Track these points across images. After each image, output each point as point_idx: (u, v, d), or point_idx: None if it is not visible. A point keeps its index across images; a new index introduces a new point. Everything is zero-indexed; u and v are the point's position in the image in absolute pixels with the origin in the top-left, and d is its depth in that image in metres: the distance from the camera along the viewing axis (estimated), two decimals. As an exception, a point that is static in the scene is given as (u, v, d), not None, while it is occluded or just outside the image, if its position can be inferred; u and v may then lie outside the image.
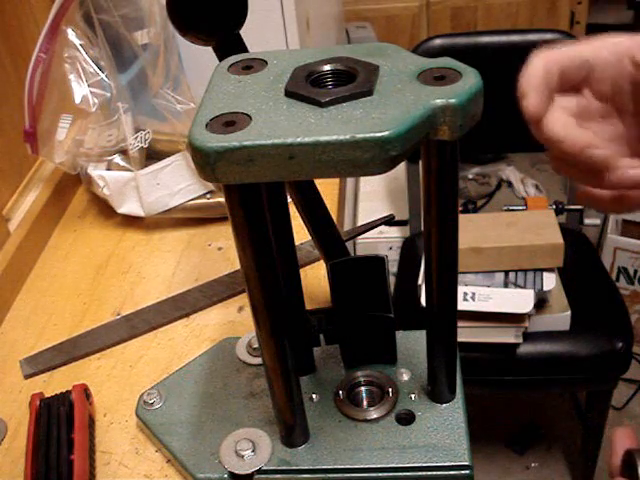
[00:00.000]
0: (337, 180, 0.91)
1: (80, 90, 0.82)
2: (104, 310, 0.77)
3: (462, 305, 1.14)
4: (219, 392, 0.61)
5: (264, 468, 0.54)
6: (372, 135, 0.36)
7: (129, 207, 0.86)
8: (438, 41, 1.38)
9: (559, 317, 1.20)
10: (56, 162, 0.85)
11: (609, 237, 1.71)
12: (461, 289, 1.16)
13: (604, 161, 0.45)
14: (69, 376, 0.69)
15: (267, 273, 0.46)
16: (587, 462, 1.44)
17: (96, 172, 0.86)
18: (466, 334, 1.16)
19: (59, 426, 0.60)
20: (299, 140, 0.37)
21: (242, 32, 0.52)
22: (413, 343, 0.62)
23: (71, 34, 0.81)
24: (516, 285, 1.20)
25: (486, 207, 2.23)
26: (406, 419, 0.56)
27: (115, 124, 0.85)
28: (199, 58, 0.66)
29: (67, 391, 0.63)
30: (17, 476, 0.59)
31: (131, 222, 0.88)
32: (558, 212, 1.44)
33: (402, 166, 1.47)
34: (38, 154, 0.86)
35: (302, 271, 0.70)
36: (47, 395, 0.64)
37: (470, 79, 0.39)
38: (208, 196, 0.86)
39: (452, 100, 0.38)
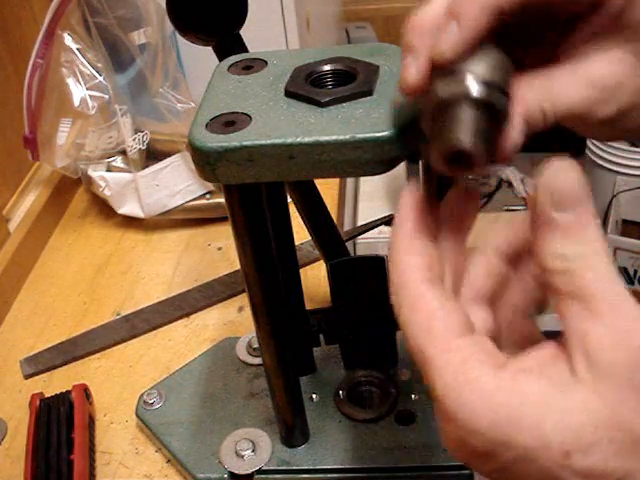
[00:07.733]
0: (337, 180, 0.91)
1: (78, 93, 0.82)
2: (104, 310, 0.77)
3: (462, 305, 1.14)
4: (219, 392, 0.61)
5: (264, 468, 0.54)
6: (372, 135, 0.36)
7: (129, 208, 0.86)
8: (438, 41, 1.37)
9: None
10: (57, 167, 0.85)
11: (609, 237, 1.70)
12: (461, 289, 1.16)
13: None
14: (69, 376, 0.69)
15: (267, 273, 0.46)
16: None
17: (97, 173, 0.86)
18: (466, 334, 1.16)
19: (59, 426, 0.60)
20: (299, 140, 0.37)
21: (242, 32, 0.52)
22: (413, 343, 0.62)
23: (67, 39, 0.81)
24: (516, 285, 1.20)
25: (486, 207, 2.23)
26: (406, 419, 0.56)
27: (115, 126, 0.84)
28: (199, 58, 0.66)
29: (67, 391, 0.63)
30: (17, 476, 0.59)
31: (131, 222, 0.88)
32: (558, 212, 1.44)
33: (402, 166, 1.47)
34: (39, 160, 0.86)
35: (302, 271, 0.70)
36: (47, 395, 0.64)
37: (470, 79, 0.39)
38: (208, 196, 0.86)
39: (452, 100, 0.38)
